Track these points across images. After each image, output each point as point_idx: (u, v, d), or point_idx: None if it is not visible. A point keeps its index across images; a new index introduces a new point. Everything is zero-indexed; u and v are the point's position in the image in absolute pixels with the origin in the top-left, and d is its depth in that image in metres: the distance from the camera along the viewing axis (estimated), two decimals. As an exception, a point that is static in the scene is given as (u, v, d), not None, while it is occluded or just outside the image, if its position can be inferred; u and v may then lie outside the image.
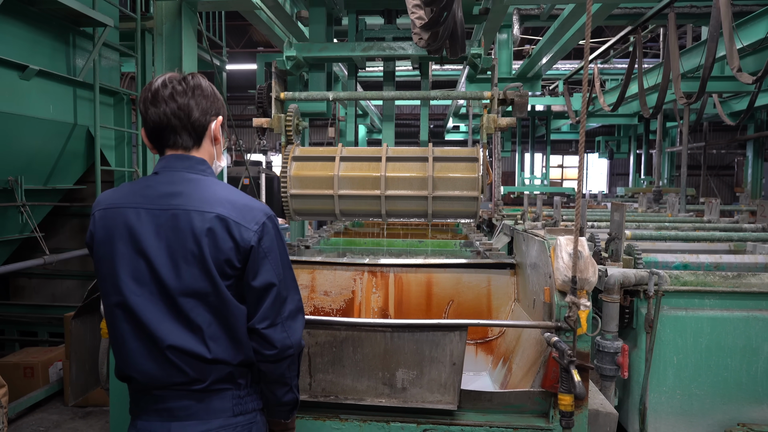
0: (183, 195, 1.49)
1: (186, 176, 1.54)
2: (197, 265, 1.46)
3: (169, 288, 1.46)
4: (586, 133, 2.14)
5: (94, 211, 1.58)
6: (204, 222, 1.46)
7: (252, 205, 1.53)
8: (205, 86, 1.58)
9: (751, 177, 13.28)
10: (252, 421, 1.57)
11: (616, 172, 22.47)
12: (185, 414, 1.49)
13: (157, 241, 1.47)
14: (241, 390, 1.56)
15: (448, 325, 2.14)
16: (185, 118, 1.53)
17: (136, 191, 1.53)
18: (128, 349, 1.50)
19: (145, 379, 1.50)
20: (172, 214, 1.47)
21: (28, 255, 4.69)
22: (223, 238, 1.46)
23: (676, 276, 3.54)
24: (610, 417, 2.22)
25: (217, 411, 1.51)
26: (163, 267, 1.46)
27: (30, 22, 4.06)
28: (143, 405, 1.55)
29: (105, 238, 1.52)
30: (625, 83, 7.86)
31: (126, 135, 5.40)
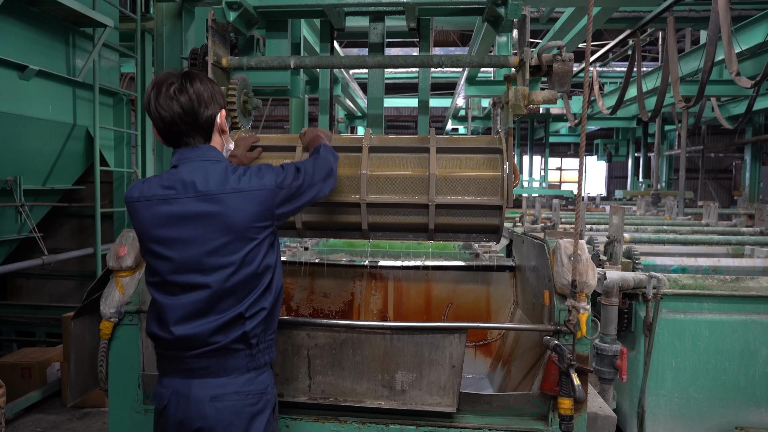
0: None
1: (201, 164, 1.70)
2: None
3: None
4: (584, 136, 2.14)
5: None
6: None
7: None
8: (204, 86, 1.69)
9: (749, 180, 13.32)
10: (263, 392, 1.73)
11: (614, 175, 22.51)
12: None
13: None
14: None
15: (447, 327, 2.14)
16: (193, 121, 1.68)
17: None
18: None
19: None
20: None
21: (27, 255, 4.68)
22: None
23: (674, 279, 3.54)
24: (608, 420, 2.22)
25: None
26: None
27: (30, 22, 4.06)
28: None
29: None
30: (623, 86, 7.89)
31: (125, 135, 5.40)
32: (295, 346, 2.21)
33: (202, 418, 1.65)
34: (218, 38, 2.66)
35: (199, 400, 1.65)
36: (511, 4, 2.62)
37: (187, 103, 1.65)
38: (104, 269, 2.32)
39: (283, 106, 19.79)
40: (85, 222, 5.53)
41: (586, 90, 2.02)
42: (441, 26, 8.77)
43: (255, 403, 1.71)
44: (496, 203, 2.32)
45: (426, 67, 2.72)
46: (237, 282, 1.67)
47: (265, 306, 1.74)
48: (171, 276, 1.67)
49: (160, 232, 1.66)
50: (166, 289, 1.68)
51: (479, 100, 12.21)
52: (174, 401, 1.68)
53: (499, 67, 2.65)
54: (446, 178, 2.35)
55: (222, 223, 1.64)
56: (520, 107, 2.38)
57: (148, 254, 1.71)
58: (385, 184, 2.37)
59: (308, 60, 2.71)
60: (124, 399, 2.25)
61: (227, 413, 1.66)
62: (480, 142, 2.49)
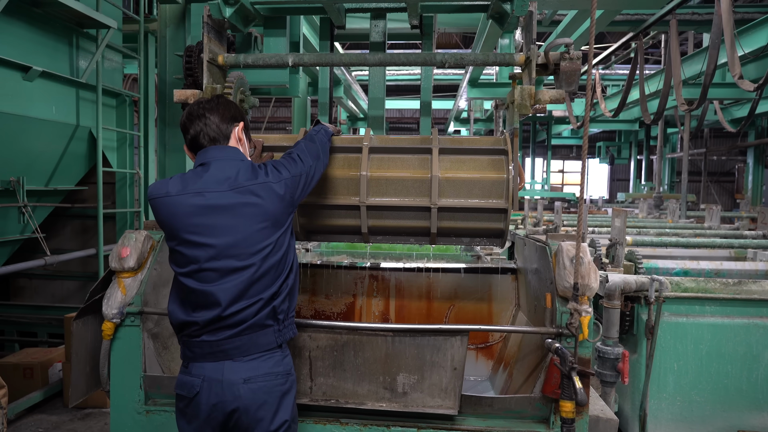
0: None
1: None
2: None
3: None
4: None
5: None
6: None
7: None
8: (223, 104, 1.96)
9: (751, 184, 13.29)
10: (289, 373, 1.88)
11: (616, 178, 22.48)
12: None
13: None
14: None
15: (449, 330, 2.14)
16: (219, 134, 1.92)
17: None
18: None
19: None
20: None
21: (29, 256, 4.68)
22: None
23: (676, 282, 3.54)
24: (610, 423, 2.22)
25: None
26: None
27: (33, 24, 4.07)
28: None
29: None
30: (626, 89, 7.88)
31: (128, 137, 5.41)
32: (296, 348, 2.21)
33: (237, 399, 1.76)
34: (214, 35, 2.61)
35: (232, 383, 1.77)
36: (517, 0, 2.53)
37: (217, 119, 1.92)
38: (106, 270, 2.32)
39: (285, 108, 19.82)
40: (88, 223, 5.54)
41: (589, 92, 2.02)
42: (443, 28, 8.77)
43: (284, 382, 1.85)
44: (501, 206, 2.30)
45: (429, 65, 2.68)
46: (271, 264, 1.84)
47: (289, 283, 1.92)
48: (209, 263, 1.79)
49: (198, 221, 1.79)
50: (203, 276, 1.79)
51: (481, 102, 12.22)
52: (206, 387, 1.78)
53: (504, 65, 2.60)
54: (449, 180, 2.33)
55: (258, 212, 1.82)
56: (526, 107, 2.35)
57: (183, 245, 1.81)
58: (386, 186, 2.35)
59: (307, 57, 2.65)
60: (126, 400, 2.25)
61: (261, 393, 1.79)
62: (484, 143, 2.46)
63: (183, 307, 1.85)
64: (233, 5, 2.68)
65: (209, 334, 1.80)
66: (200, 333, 1.81)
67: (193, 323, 1.81)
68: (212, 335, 1.80)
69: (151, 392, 2.27)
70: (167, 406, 2.25)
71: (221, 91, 2.58)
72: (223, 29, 2.71)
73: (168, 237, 1.86)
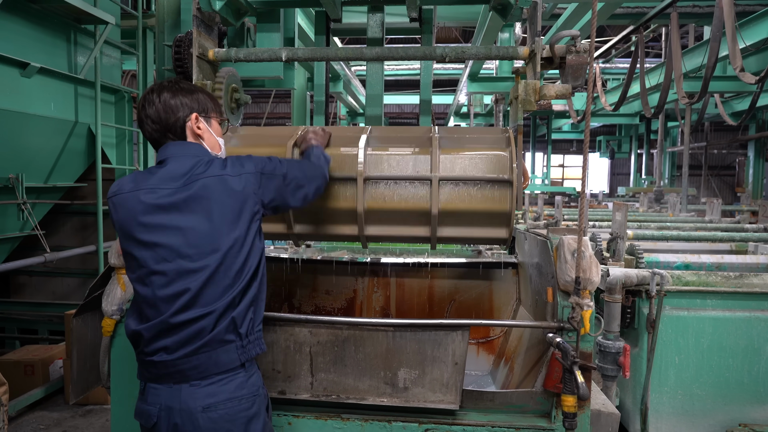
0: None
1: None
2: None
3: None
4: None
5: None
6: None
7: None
8: (171, 92, 1.77)
9: (752, 177, 13.26)
10: (255, 394, 1.71)
11: (617, 172, 22.45)
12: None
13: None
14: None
15: (450, 324, 2.13)
16: (158, 128, 1.76)
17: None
18: None
19: None
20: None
21: (29, 253, 4.68)
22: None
23: (678, 276, 3.53)
24: (612, 417, 2.21)
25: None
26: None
27: (31, 20, 4.05)
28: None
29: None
30: (626, 83, 7.86)
31: (127, 133, 5.40)
32: (297, 344, 2.20)
33: (196, 430, 1.61)
34: (204, 28, 2.51)
35: (191, 412, 1.61)
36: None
37: (154, 113, 1.75)
38: (106, 267, 2.31)
39: (285, 104, 19.78)
40: (88, 219, 5.53)
41: (590, 86, 2.00)
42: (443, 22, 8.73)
43: (249, 407, 1.68)
44: (502, 210, 2.25)
45: (429, 59, 2.57)
46: (229, 267, 1.66)
47: (252, 292, 1.73)
48: (159, 265, 1.64)
49: (148, 220, 1.65)
50: (152, 280, 1.65)
51: (481, 96, 12.18)
52: (164, 417, 1.63)
53: (507, 59, 2.49)
54: (448, 181, 2.26)
55: (211, 208, 1.66)
56: (530, 102, 2.24)
57: (133, 246, 1.68)
58: (384, 189, 2.29)
59: (301, 52, 2.54)
60: (127, 396, 2.25)
61: (222, 422, 1.63)
62: (484, 138, 2.39)
63: (135, 317, 1.71)
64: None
65: (165, 353, 1.63)
66: (154, 349, 1.64)
67: (141, 334, 1.66)
68: (168, 354, 1.63)
69: (152, 388, 2.26)
70: (168, 403, 2.24)
71: (212, 87, 2.49)
72: (213, 23, 2.60)
73: (121, 239, 1.72)
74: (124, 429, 2.26)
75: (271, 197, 1.79)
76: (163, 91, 1.77)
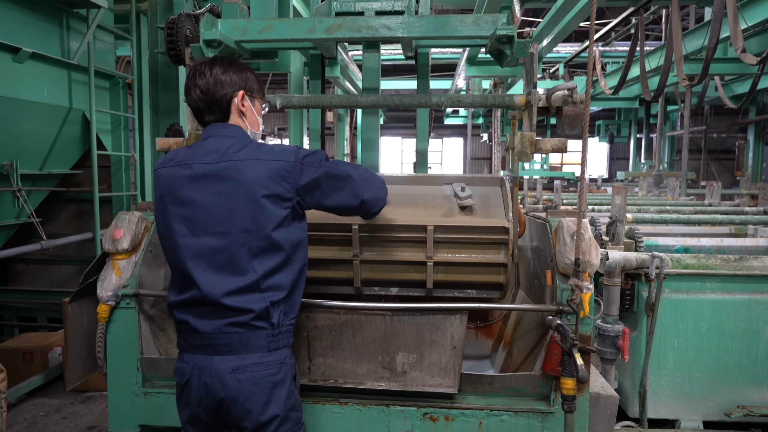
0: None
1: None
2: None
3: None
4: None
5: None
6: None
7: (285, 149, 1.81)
8: (222, 67, 1.83)
9: (751, 161, 13.24)
10: (282, 362, 1.77)
11: (616, 157, 22.39)
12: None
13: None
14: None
15: (448, 308, 2.12)
16: (206, 98, 1.82)
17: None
18: None
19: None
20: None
21: (26, 241, 4.66)
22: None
23: (677, 259, 3.52)
24: (611, 400, 2.21)
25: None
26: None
27: (22, 3, 3.98)
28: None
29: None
30: (626, 66, 7.78)
31: (122, 119, 5.34)
32: (294, 328, 2.18)
33: (224, 389, 1.69)
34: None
35: (220, 371, 1.69)
36: (517, 43, 2.36)
37: (204, 85, 1.80)
38: (101, 253, 2.29)
39: (282, 89, 19.65)
40: (84, 207, 5.50)
41: (590, 70, 1.96)
42: (441, 5, 8.63)
43: (275, 372, 1.74)
44: (498, 260, 2.32)
45: (424, 106, 2.63)
46: (261, 251, 1.71)
47: (284, 283, 1.77)
48: (188, 239, 1.73)
49: (184, 194, 1.74)
50: (184, 253, 1.73)
51: (480, 81, 12.08)
52: (196, 374, 1.72)
53: (504, 107, 2.51)
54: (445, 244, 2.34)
55: (232, 189, 1.71)
56: (527, 155, 2.29)
57: (168, 218, 1.76)
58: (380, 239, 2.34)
59: (296, 99, 2.62)
60: (124, 382, 2.24)
61: (249, 384, 1.70)
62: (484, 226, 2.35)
63: (172, 289, 1.82)
64: (216, 47, 2.54)
65: (199, 319, 1.73)
66: (189, 320, 1.74)
67: (178, 304, 1.77)
68: (202, 321, 1.72)
69: (149, 374, 2.26)
70: (165, 388, 2.23)
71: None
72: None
73: (158, 211, 1.81)
74: (121, 415, 2.25)
75: (313, 188, 1.80)
76: (215, 65, 1.83)
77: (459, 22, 2.51)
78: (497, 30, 2.37)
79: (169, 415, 2.22)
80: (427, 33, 2.54)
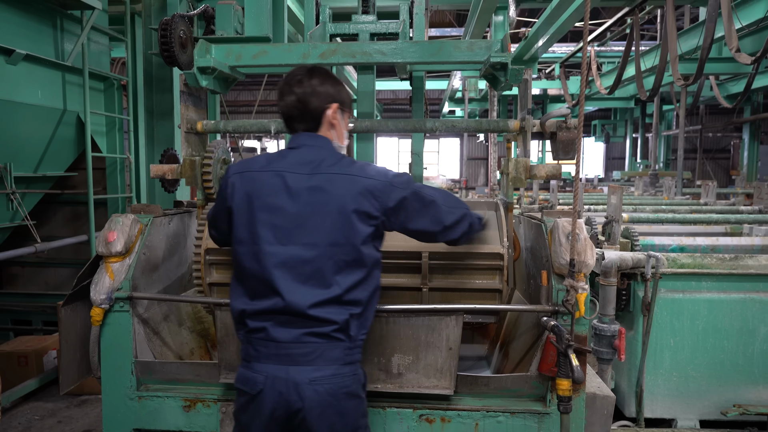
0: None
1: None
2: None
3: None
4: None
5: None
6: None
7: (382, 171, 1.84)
8: (320, 79, 1.85)
9: (747, 160, 13.27)
10: (355, 373, 1.78)
11: (612, 156, 22.43)
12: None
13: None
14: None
15: (444, 309, 2.11)
16: (302, 107, 1.84)
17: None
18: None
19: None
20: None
21: (20, 243, 4.63)
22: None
23: (673, 259, 3.52)
24: (607, 400, 2.21)
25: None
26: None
27: (15, 5, 3.96)
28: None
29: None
30: (622, 66, 7.78)
31: (117, 121, 5.32)
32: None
33: (301, 400, 1.67)
34: (191, 101, 2.59)
35: (297, 382, 1.68)
36: (511, 70, 2.41)
37: (301, 93, 1.83)
38: (94, 255, 2.28)
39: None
40: (79, 209, 5.47)
41: (584, 70, 1.96)
42: (436, 6, 8.63)
43: (350, 384, 1.75)
44: (494, 287, 2.33)
45: (419, 131, 2.65)
46: (344, 264, 1.73)
47: (362, 298, 1.78)
48: (274, 247, 1.72)
49: (272, 201, 1.74)
50: (267, 260, 1.72)
51: (476, 81, 12.10)
52: (270, 385, 1.69)
53: (498, 132, 2.55)
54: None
55: (331, 202, 1.72)
56: (521, 180, 2.33)
57: (252, 223, 1.75)
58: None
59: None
60: (118, 386, 2.23)
61: (327, 395, 1.69)
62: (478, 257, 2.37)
63: (241, 296, 1.78)
64: (211, 74, 2.55)
65: (278, 328, 1.70)
66: (268, 327, 1.71)
67: (255, 313, 1.73)
68: (281, 330, 1.70)
69: (143, 378, 2.25)
70: (159, 392, 2.22)
71: (200, 163, 2.54)
72: (201, 94, 2.69)
73: (239, 214, 1.78)
74: (115, 418, 2.24)
75: (398, 211, 1.81)
76: (314, 76, 1.86)
77: (453, 47, 2.55)
78: (491, 57, 2.39)
79: (163, 419, 2.21)
80: (421, 59, 2.56)
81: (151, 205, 2.41)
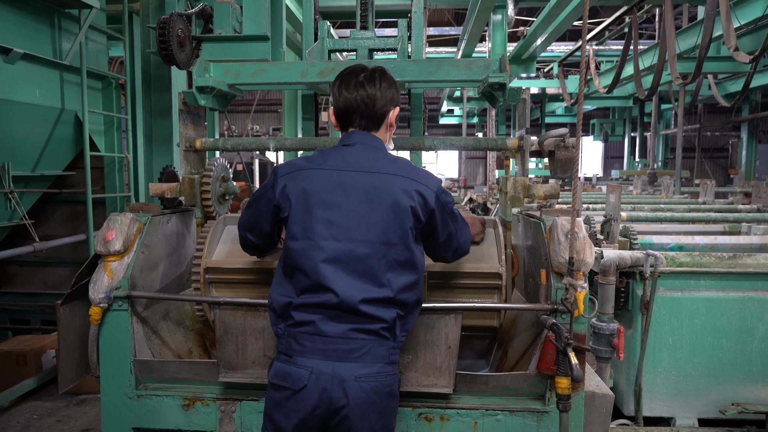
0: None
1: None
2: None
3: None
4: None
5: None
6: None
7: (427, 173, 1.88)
8: (389, 82, 1.88)
9: (745, 159, 13.31)
10: (394, 373, 1.77)
11: (610, 155, 22.47)
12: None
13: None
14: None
15: (443, 308, 2.11)
16: (371, 105, 1.84)
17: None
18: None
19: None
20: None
21: (19, 243, 4.62)
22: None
23: (671, 257, 3.53)
24: (606, 398, 2.21)
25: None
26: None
27: (13, 3, 3.95)
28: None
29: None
30: (620, 65, 7.80)
31: (115, 120, 5.31)
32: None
33: (345, 397, 1.65)
34: (190, 119, 2.58)
35: (343, 378, 1.66)
36: (509, 90, 2.40)
37: (372, 93, 1.83)
38: (93, 254, 2.27)
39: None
40: (78, 209, 5.46)
41: (583, 69, 1.96)
42: (435, 5, 8.63)
43: (392, 383, 1.75)
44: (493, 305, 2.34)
45: (418, 149, 2.67)
46: (395, 263, 1.73)
47: (409, 301, 1.79)
48: (329, 242, 1.72)
49: (329, 197, 1.74)
50: (319, 256, 1.71)
51: (474, 81, 12.08)
52: (314, 380, 1.66)
53: (496, 150, 2.55)
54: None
55: (388, 201, 1.74)
56: (519, 199, 2.38)
57: (307, 219, 1.75)
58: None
59: (289, 142, 2.69)
60: (116, 385, 2.22)
61: (372, 393, 1.68)
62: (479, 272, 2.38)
63: (288, 290, 1.77)
64: (209, 93, 2.53)
65: (328, 322, 1.69)
66: (316, 321, 1.69)
67: (304, 306, 1.72)
68: (330, 324, 1.69)
69: (142, 377, 2.24)
70: (158, 391, 2.22)
71: (199, 181, 2.56)
72: (200, 112, 2.69)
73: (295, 211, 1.77)
74: (114, 418, 2.23)
75: (432, 219, 1.83)
76: (384, 79, 1.88)
77: (452, 66, 2.55)
78: (489, 77, 2.39)
79: (162, 418, 2.20)
80: (419, 77, 2.56)
81: (149, 204, 2.40)
